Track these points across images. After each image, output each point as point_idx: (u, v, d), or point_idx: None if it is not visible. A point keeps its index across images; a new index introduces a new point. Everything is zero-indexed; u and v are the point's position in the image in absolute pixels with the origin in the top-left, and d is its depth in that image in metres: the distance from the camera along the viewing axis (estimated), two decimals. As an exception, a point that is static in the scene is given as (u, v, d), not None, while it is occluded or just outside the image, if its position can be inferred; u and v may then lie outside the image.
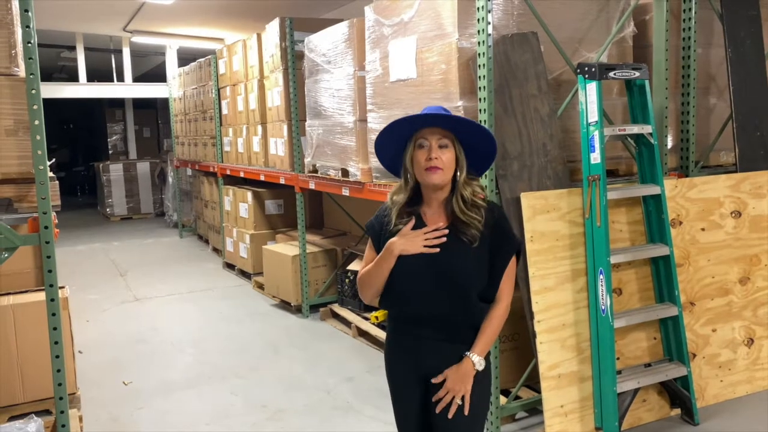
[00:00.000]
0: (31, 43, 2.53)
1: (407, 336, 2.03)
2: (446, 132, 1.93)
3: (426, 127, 1.93)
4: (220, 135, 7.61)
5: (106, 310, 6.00)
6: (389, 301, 2.05)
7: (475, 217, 1.93)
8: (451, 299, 1.94)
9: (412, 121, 1.95)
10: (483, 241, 1.93)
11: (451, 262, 1.92)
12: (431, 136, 1.92)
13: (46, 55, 10.76)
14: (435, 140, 1.92)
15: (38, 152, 2.54)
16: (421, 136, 1.93)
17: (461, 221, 1.93)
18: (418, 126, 1.94)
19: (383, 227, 2.02)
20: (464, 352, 1.96)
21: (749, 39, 4.00)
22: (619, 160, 3.84)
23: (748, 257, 3.74)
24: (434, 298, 1.94)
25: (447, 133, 1.93)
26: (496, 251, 1.95)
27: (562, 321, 3.21)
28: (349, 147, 4.31)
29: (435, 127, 1.93)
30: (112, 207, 12.13)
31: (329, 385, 4.07)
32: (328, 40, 4.55)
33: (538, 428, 3.31)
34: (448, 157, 1.92)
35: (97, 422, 3.63)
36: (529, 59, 3.30)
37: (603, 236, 3.16)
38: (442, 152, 1.91)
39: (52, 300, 2.63)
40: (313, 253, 5.67)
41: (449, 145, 1.93)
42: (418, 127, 1.94)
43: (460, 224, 1.94)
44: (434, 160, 1.90)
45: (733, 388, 3.63)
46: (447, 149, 1.92)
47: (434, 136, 1.92)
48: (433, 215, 1.99)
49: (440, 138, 1.92)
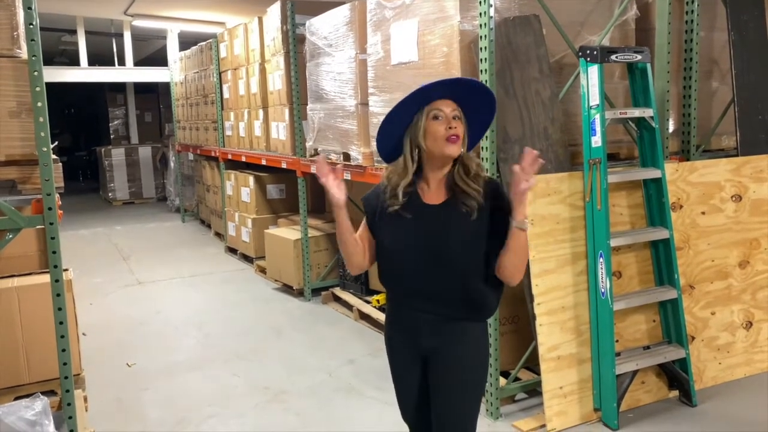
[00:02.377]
0: (33, 25, 2.53)
1: (406, 312, 2.05)
2: (456, 105, 1.95)
3: (438, 99, 1.94)
4: (221, 119, 7.61)
5: (110, 293, 6.05)
6: (387, 277, 2.07)
7: (476, 187, 1.95)
8: (447, 273, 1.94)
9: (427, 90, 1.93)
10: (482, 213, 1.94)
11: (448, 234, 1.93)
12: (446, 107, 1.94)
13: (47, 39, 10.67)
14: (450, 110, 1.94)
15: (41, 134, 2.55)
16: (434, 107, 1.94)
17: (461, 192, 1.95)
18: (434, 96, 1.94)
19: (379, 204, 2.03)
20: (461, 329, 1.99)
21: (752, 23, 3.98)
22: (620, 143, 3.84)
23: (748, 241, 3.76)
24: (430, 273, 1.95)
25: (456, 105, 1.95)
26: (499, 214, 1.93)
27: (561, 303, 3.23)
28: (351, 131, 4.32)
29: (447, 99, 1.94)
30: (114, 192, 12.15)
31: (331, 367, 4.11)
32: (329, 23, 4.54)
33: (538, 409, 3.35)
34: (461, 128, 1.95)
35: (102, 403, 3.68)
36: (530, 42, 3.29)
37: (603, 219, 3.17)
38: (457, 123, 1.94)
39: (57, 281, 2.66)
40: (315, 237, 5.69)
41: (460, 117, 1.95)
42: (431, 99, 1.94)
43: (461, 195, 1.95)
44: (454, 129, 1.91)
45: (731, 371, 3.66)
46: (460, 120, 1.95)
47: (448, 107, 1.94)
48: (431, 192, 2.00)
49: (454, 109, 1.94)
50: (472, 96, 1.97)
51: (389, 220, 2.00)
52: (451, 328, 2.00)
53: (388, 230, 2.01)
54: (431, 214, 1.97)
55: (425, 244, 1.94)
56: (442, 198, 1.99)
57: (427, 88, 1.93)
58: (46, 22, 9.84)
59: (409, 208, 1.98)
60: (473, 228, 1.94)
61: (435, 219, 1.96)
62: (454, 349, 2.00)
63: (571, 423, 3.20)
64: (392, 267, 2.01)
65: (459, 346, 2.01)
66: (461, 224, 1.94)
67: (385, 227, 2.01)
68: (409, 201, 1.99)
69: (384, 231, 2.02)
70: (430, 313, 2.00)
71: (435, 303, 1.99)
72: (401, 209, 1.98)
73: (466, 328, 2.01)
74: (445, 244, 1.92)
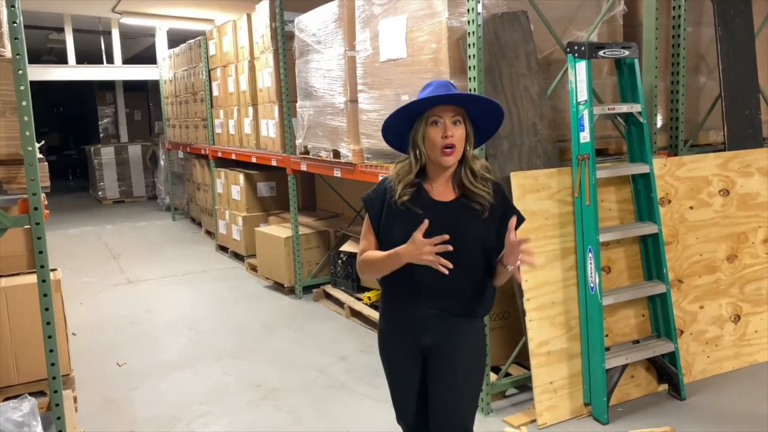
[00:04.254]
0: (17, 23, 2.51)
1: (408, 308, 2.03)
2: (458, 108, 1.94)
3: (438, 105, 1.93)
4: (211, 117, 7.58)
5: (100, 292, 6.01)
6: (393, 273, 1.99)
7: (485, 188, 1.97)
8: (457, 268, 1.88)
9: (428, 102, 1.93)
10: (493, 213, 1.97)
11: (461, 230, 1.93)
12: (445, 114, 1.93)
13: (34, 37, 10.63)
14: (449, 117, 1.93)
15: (26, 133, 2.53)
16: (434, 113, 1.93)
17: (471, 192, 1.96)
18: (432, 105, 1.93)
19: (386, 200, 2.01)
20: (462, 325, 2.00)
21: (738, 18, 4.00)
22: (608, 139, 3.86)
23: (736, 235, 3.78)
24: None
25: (459, 109, 1.94)
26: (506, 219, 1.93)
27: (551, 299, 3.24)
28: (341, 128, 4.31)
29: (448, 105, 1.93)
30: (104, 190, 12.08)
31: (323, 364, 4.11)
32: (318, 19, 4.52)
33: (528, 404, 3.36)
34: (460, 133, 1.94)
35: (92, 403, 3.66)
36: (519, 38, 3.29)
37: (592, 215, 3.18)
38: (456, 129, 1.93)
39: (44, 281, 2.64)
40: (305, 235, 5.68)
41: (461, 121, 1.95)
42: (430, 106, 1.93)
43: (471, 194, 1.97)
44: (450, 138, 1.91)
45: (719, 364, 3.68)
46: (460, 125, 1.94)
47: (448, 113, 1.93)
48: (439, 189, 2.00)
49: (454, 115, 1.93)
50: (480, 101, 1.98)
51: (399, 216, 1.98)
52: (453, 324, 2.01)
53: (398, 226, 1.97)
54: (443, 210, 1.97)
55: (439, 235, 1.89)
56: (451, 196, 2.00)
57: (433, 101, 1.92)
58: (33, 20, 9.75)
59: (420, 205, 1.97)
60: (485, 225, 1.97)
61: (448, 215, 1.96)
62: (455, 344, 2.01)
63: (561, 417, 3.21)
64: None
65: (460, 342, 2.02)
66: (474, 220, 1.96)
67: (394, 223, 1.98)
68: (419, 198, 1.98)
69: (394, 227, 1.99)
70: (434, 309, 2.00)
71: (441, 299, 1.99)
72: (411, 204, 1.97)
73: (467, 324, 2.03)
74: (459, 239, 1.86)
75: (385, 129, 2.04)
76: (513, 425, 3.18)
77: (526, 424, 3.19)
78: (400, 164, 2.04)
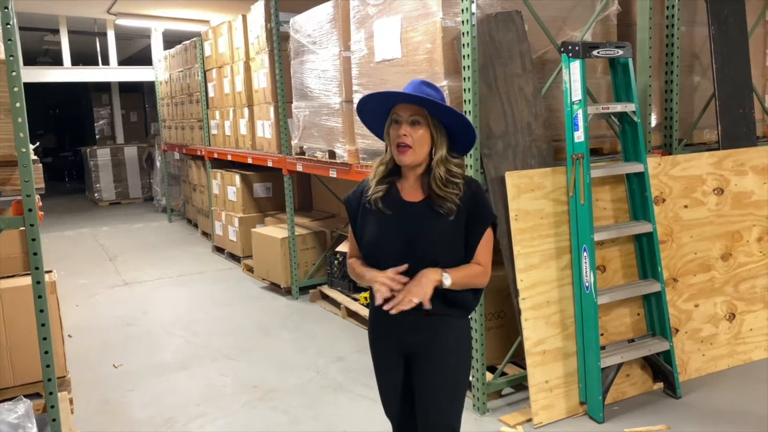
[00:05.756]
0: (10, 24, 2.50)
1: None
2: (420, 109, 1.92)
3: (401, 103, 1.93)
4: (207, 118, 7.57)
5: (96, 294, 6.00)
6: None
7: (452, 191, 1.95)
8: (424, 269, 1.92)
9: (386, 97, 1.96)
10: (459, 214, 1.95)
11: (425, 231, 1.95)
12: (404, 113, 1.93)
13: (29, 38, 10.60)
14: (407, 116, 1.92)
15: (20, 135, 2.53)
16: (396, 110, 1.95)
17: (438, 195, 1.96)
18: (393, 102, 1.95)
19: (362, 200, 2.04)
20: (442, 325, 2.00)
21: (732, 17, 4.02)
22: (603, 138, 3.86)
23: (730, 233, 3.79)
24: (408, 269, 1.93)
25: (420, 110, 1.92)
26: (472, 224, 1.97)
27: (546, 298, 3.25)
28: (336, 128, 4.31)
29: (409, 104, 1.93)
30: (100, 192, 12.06)
31: (319, 365, 4.11)
32: (313, 20, 4.53)
33: (524, 404, 3.37)
34: (420, 134, 1.92)
35: (88, 405, 3.66)
36: (513, 38, 3.30)
37: (587, 214, 3.19)
38: (414, 129, 1.92)
39: (38, 282, 2.64)
40: (302, 236, 5.68)
41: (422, 122, 1.92)
42: (393, 103, 1.95)
43: (437, 198, 1.96)
44: (403, 137, 1.91)
45: (714, 362, 3.70)
46: (419, 126, 1.92)
47: (407, 112, 1.93)
48: (410, 189, 2.01)
49: (412, 115, 1.92)
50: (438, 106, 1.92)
51: (370, 217, 2.01)
52: (432, 324, 2.01)
53: (368, 226, 2.02)
54: (410, 210, 1.98)
55: (403, 239, 1.96)
56: (420, 196, 2.00)
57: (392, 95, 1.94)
58: (28, 21, 9.74)
59: (389, 205, 2.00)
60: (450, 227, 1.95)
61: (413, 216, 1.97)
62: (436, 344, 2.02)
63: (557, 416, 3.22)
64: (372, 263, 2.02)
65: (440, 342, 2.02)
66: (439, 222, 1.95)
67: (366, 223, 2.03)
68: (390, 198, 2.00)
69: (365, 227, 2.03)
70: (410, 310, 2.00)
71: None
72: (382, 206, 1.99)
73: (447, 324, 2.02)
74: (423, 241, 1.93)
75: (360, 110, 2.07)
76: (509, 424, 3.19)
77: (522, 423, 3.19)
78: (378, 160, 2.06)
